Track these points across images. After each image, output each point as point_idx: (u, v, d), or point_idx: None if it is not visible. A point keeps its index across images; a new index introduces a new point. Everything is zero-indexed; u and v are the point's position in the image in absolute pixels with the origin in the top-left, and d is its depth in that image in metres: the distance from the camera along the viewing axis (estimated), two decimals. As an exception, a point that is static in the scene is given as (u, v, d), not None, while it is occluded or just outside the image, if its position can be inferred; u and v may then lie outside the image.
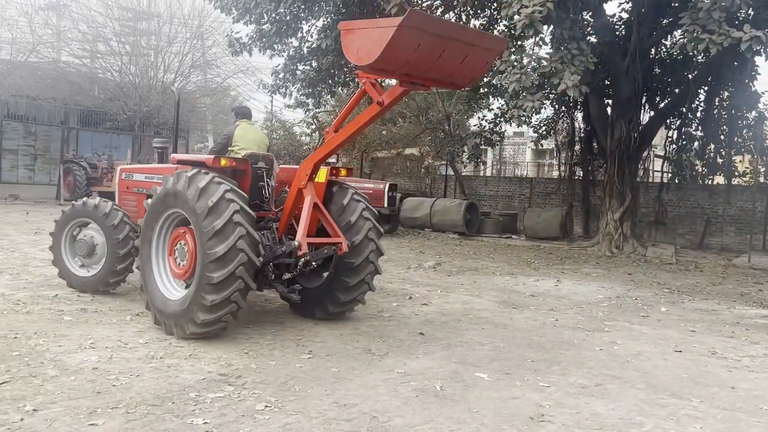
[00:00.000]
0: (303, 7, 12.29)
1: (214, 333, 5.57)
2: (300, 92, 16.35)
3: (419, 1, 14.34)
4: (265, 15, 12.82)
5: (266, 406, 4.05)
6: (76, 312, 6.23)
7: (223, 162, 5.97)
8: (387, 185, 17.97)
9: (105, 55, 27.68)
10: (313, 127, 23.88)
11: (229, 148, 6.93)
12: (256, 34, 13.40)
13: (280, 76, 15.38)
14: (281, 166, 6.93)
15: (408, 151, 27.91)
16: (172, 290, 5.88)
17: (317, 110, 20.39)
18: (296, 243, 5.76)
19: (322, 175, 6.25)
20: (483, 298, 8.59)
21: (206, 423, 3.73)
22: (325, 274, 6.58)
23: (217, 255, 5.21)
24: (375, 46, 4.56)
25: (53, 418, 3.65)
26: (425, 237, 17.87)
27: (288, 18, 12.85)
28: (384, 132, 28.35)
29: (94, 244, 7.13)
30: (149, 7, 28.57)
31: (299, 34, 13.90)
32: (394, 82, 5.36)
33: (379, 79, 5.63)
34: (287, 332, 6.01)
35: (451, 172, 24.78)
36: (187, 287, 5.72)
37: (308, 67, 14.91)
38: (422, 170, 27.50)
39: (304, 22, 13.70)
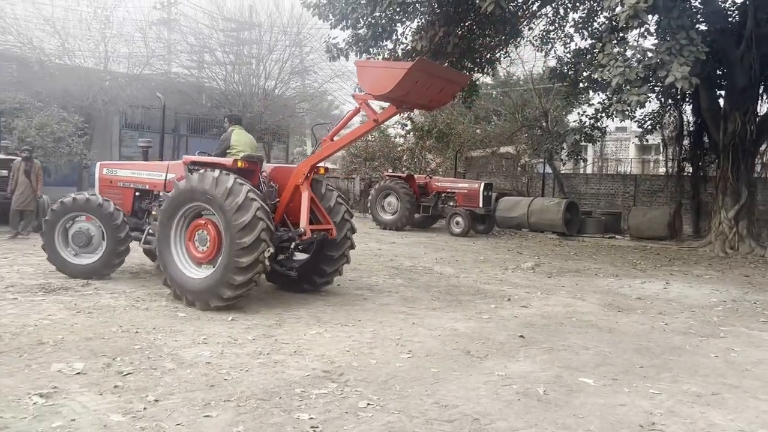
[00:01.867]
0: (398, 9, 12.38)
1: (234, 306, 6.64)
2: (395, 94, 16.51)
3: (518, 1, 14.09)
4: (361, 20, 13.03)
5: (368, 404, 4.12)
6: (189, 309, 6.61)
7: (240, 164, 7.05)
8: (482, 185, 17.80)
9: (211, 65, 29.16)
10: (408, 128, 23.97)
11: (227, 151, 7.92)
12: (352, 39, 13.65)
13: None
14: (275, 165, 8.10)
15: (503, 149, 27.43)
16: (191, 270, 6.88)
17: (412, 112, 20.46)
18: (302, 229, 6.98)
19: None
20: (586, 301, 8.31)
21: (312, 419, 3.85)
22: (302, 256, 7.77)
23: (246, 244, 6.35)
24: (388, 82, 6.31)
25: (172, 408, 3.89)
26: (522, 237, 17.52)
27: (383, 21, 12.99)
28: (478, 131, 28.03)
29: (90, 234, 7.96)
30: (251, 17, 29.82)
31: (394, 37, 14.02)
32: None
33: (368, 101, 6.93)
34: (386, 332, 6.09)
35: (549, 170, 24.13)
36: (203, 268, 6.83)
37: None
38: (518, 169, 26.95)
39: (398, 24, 13.79)
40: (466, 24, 14.50)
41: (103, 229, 7.93)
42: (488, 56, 16.93)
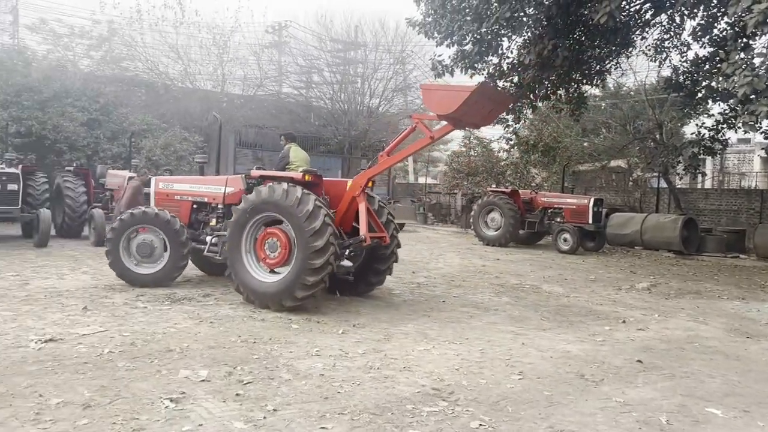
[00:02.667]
0: (505, 24, 12.29)
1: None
2: (500, 109, 16.35)
3: (628, 7, 13.56)
4: (467, 36, 13.04)
5: (480, 425, 4.07)
6: (302, 321, 6.84)
7: (307, 177, 7.63)
8: (592, 200, 17.20)
9: (318, 85, 30.27)
10: (512, 142, 23.62)
11: (287, 166, 8.76)
12: (457, 55, 13.69)
13: (480, 94, 15.51)
14: (326, 179, 8.40)
15: (613, 163, 26.32)
16: (262, 275, 7.47)
17: (517, 126, 20.14)
18: (362, 236, 7.47)
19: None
20: (709, 325, 7.79)
21: (424, 436, 3.86)
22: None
23: (318, 247, 6.96)
24: (452, 103, 6.93)
25: (290, 418, 4.03)
26: (635, 255, 16.71)
27: (489, 37, 12.93)
28: (586, 144, 27.09)
29: (153, 246, 8.43)
30: (356, 37, 30.67)
31: (500, 51, 13.91)
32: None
33: (425, 120, 7.77)
34: (495, 351, 6.00)
35: (663, 184, 22.90)
36: (273, 272, 7.42)
37: (509, 84, 14.83)
38: (630, 183, 25.75)
39: (504, 39, 13.68)
40: (575, 36, 14.14)
41: (167, 241, 8.42)
42: (598, 67, 16.38)
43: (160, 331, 6.10)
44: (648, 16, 15.40)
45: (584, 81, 16.31)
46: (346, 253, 7.67)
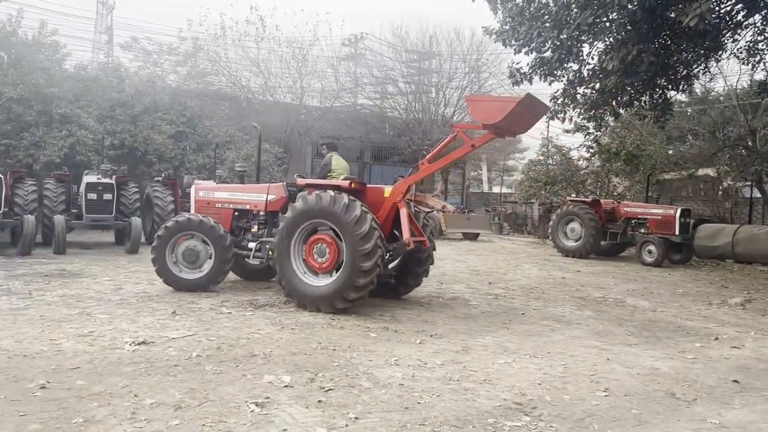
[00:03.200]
0: (586, 29, 11.97)
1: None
2: (581, 116, 15.89)
3: (719, 8, 12.91)
4: (546, 42, 12.80)
5: (566, 442, 3.95)
6: (379, 330, 6.88)
7: (353, 185, 7.94)
8: (678, 210, 16.46)
9: (393, 96, 30.49)
10: (593, 150, 22.93)
11: (328, 174, 9.07)
12: (536, 63, 13.45)
13: (559, 101, 15.17)
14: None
15: (701, 171, 25.07)
16: (312, 280, 7.77)
17: (598, 133, 19.54)
18: (405, 240, 7.75)
19: (389, 191, 8.22)
20: (813, 345, 7.25)
21: (507, 451, 3.78)
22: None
23: (367, 250, 7.27)
24: (498, 113, 7.33)
25: (371, 427, 4.05)
26: (726, 269, 15.82)
27: (569, 43, 12.63)
28: (671, 152, 25.95)
29: (198, 252, 8.63)
30: (431, 47, 30.73)
31: (580, 57, 13.55)
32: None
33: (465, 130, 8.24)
34: (579, 366, 5.82)
35: (757, 194, 21.60)
36: (321, 277, 7.74)
37: (590, 90, 14.42)
38: (719, 193, 24.43)
39: (585, 45, 13.32)
40: (660, 40, 13.59)
41: (212, 247, 8.62)
42: (685, 72, 15.66)
43: (244, 336, 6.29)
44: (740, 17, 14.62)
45: (670, 86, 15.63)
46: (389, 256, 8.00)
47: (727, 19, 14.23)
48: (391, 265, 8.43)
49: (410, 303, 8.69)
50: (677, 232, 16.10)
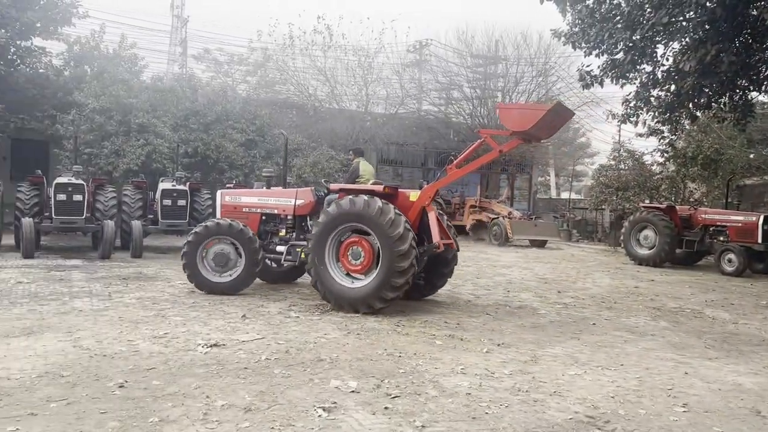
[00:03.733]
0: (661, 30, 11.55)
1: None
2: (655, 120, 15.32)
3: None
4: (618, 44, 12.43)
5: (642, 459, 3.79)
6: (445, 337, 6.82)
7: (386, 189, 8.10)
8: (762, 217, 15.57)
9: (458, 101, 30.26)
10: (668, 155, 22.01)
11: (356, 179, 9.35)
12: (607, 65, 13.08)
13: (632, 104, 14.68)
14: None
15: (786, 176, 23.66)
16: (346, 282, 7.97)
17: (673, 137, 18.77)
18: (435, 243, 7.96)
19: (414, 195, 8.34)
20: None
21: (579, 466, 3.66)
22: None
23: (403, 251, 7.54)
24: (528, 121, 7.63)
25: (438, 436, 4.01)
26: (816, 280, 14.84)
27: (642, 44, 12.21)
28: (752, 155, 24.61)
29: (228, 256, 8.74)
30: (497, 51, 30.37)
31: (654, 59, 13.08)
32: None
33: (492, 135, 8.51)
34: (654, 380, 5.58)
35: None
36: (356, 279, 7.94)
37: (664, 93, 13.88)
38: (807, 199, 22.99)
39: (660, 45, 12.85)
40: (741, 39, 12.95)
41: (242, 251, 8.72)
42: (767, 72, 14.88)
43: (311, 340, 6.36)
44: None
45: (752, 87, 14.86)
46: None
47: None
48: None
49: (476, 311, 8.58)
50: (760, 241, 15.24)
